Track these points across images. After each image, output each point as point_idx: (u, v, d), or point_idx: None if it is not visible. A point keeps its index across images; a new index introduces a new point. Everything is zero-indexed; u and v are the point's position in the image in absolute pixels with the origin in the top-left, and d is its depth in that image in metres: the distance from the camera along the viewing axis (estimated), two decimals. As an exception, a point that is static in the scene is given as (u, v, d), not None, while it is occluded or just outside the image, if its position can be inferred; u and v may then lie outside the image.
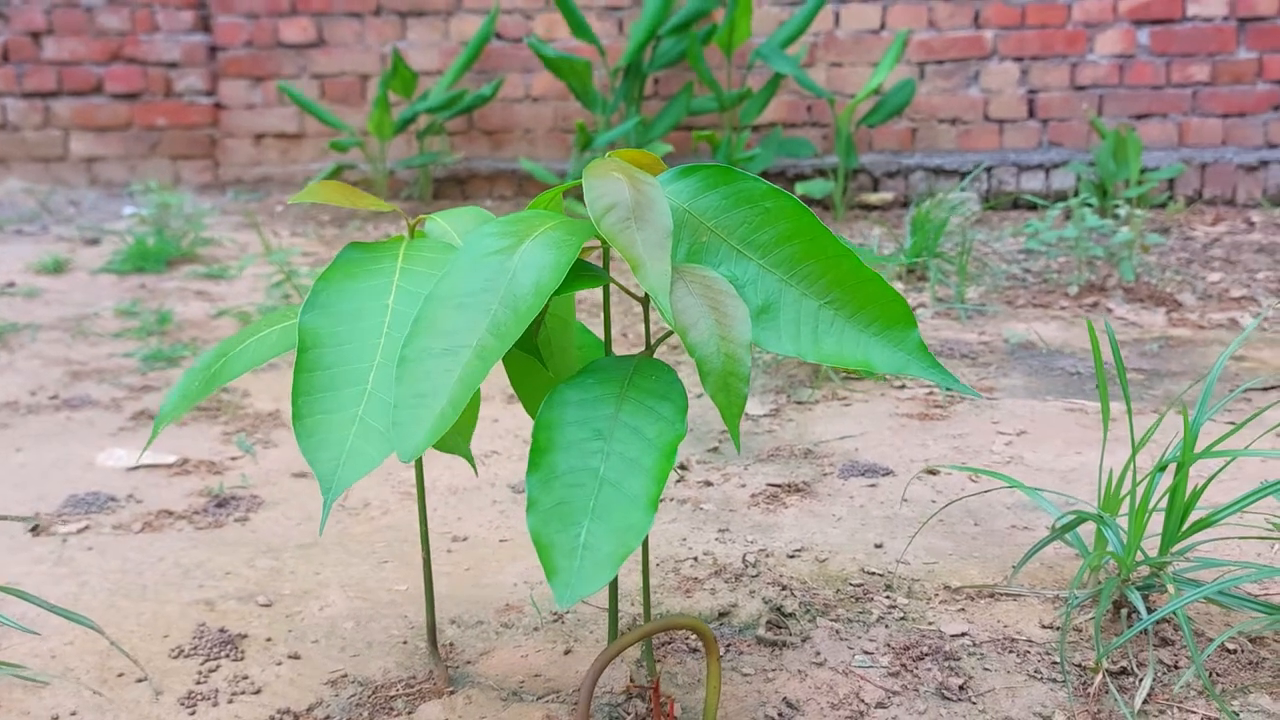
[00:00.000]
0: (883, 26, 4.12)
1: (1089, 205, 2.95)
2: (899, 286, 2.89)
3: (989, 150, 4.13)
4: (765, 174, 4.09)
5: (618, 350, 2.36)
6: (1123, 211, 2.91)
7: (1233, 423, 1.82)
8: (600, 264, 0.98)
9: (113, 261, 3.20)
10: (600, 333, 2.15)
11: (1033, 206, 3.98)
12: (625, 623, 1.23)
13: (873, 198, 4.07)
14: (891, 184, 4.10)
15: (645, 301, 0.96)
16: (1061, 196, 4.02)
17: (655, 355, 0.98)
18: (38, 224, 3.90)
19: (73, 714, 1.06)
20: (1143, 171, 3.93)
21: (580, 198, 3.60)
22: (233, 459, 1.80)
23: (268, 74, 4.30)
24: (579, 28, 3.90)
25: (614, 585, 1.08)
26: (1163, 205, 3.93)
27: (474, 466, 1.19)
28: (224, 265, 3.21)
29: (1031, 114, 4.12)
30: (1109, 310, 2.69)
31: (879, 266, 2.92)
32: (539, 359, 0.94)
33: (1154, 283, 2.87)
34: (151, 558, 1.42)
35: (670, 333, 0.97)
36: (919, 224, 2.96)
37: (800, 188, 3.97)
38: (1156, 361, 2.28)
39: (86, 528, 1.53)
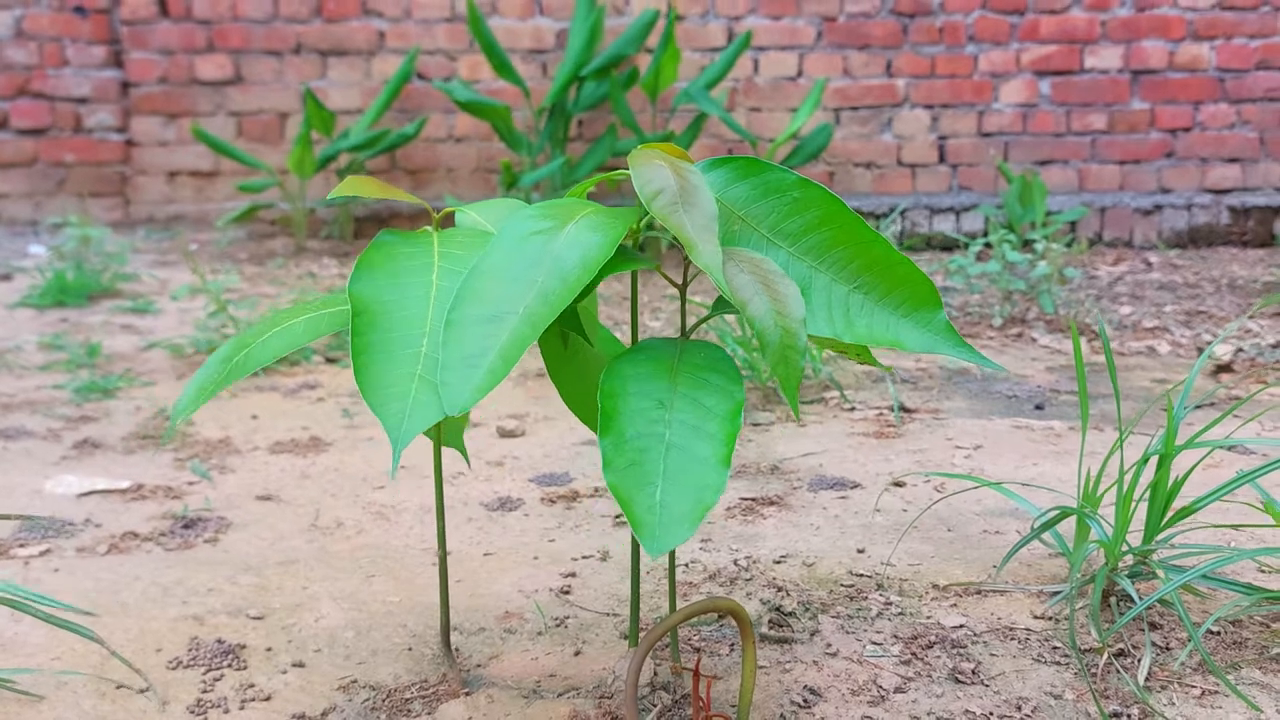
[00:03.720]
0: (800, 74, 4.25)
1: (1008, 241, 3.08)
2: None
3: (903, 194, 4.28)
4: (689, 215, 4.16)
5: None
6: (1040, 246, 3.04)
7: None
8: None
9: (30, 296, 3.09)
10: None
11: (945, 248, 4.13)
12: (635, 625, 1.23)
13: (793, 238, 4.17)
14: (811, 225, 4.20)
15: (683, 289, 0.98)
16: (972, 238, 4.17)
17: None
18: (-63, 261, 3.74)
19: (72, 727, 1.01)
20: (1047, 214, 4.12)
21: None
22: (189, 484, 1.75)
23: (182, 111, 4.22)
24: (503, 68, 3.93)
25: (635, 580, 1.08)
26: (1067, 246, 4.11)
27: (467, 459, 1.20)
28: (148, 300, 3.12)
29: (942, 159, 4.28)
30: (1033, 339, 2.80)
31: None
32: (583, 335, 0.95)
33: (1072, 315, 3.00)
34: (125, 577, 1.37)
35: (701, 321, 0.99)
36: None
37: (724, 228, 4.04)
38: (1090, 385, 2.38)
39: (48, 550, 1.47)
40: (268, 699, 1.07)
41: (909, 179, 4.29)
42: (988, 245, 3.51)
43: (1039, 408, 2.22)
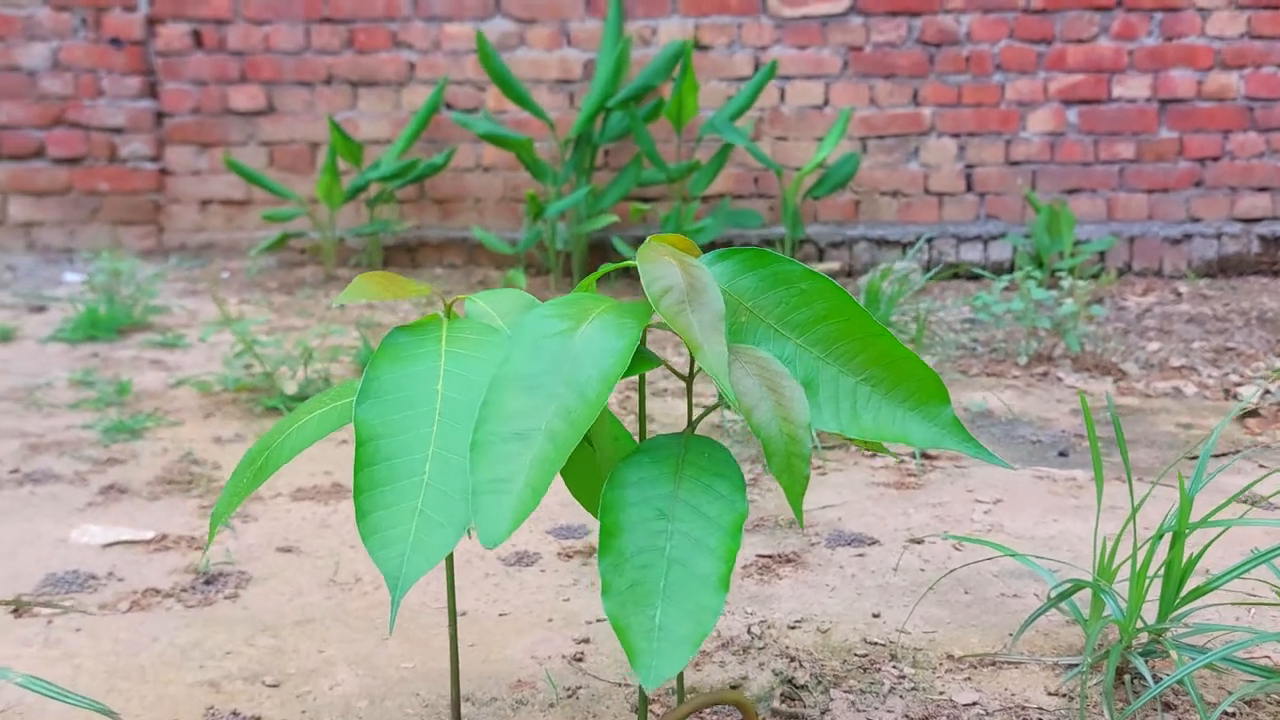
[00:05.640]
0: (826, 103, 4.25)
1: (1034, 278, 3.06)
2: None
3: (929, 223, 4.26)
4: (714, 244, 4.17)
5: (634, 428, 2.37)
6: (1065, 283, 3.02)
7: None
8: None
9: (62, 330, 3.14)
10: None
11: (972, 277, 4.11)
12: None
13: (819, 267, 4.16)
14: (837, 254, 4.20)
15: (689, 380, 0.98)
16: (999, 267, 4.16)
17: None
18: (-27, 290, 3.81)
19: (89, 803, 1.03)
20: (1075, 244, 4.09)
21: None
22: (212, 534, 1.77)
23: (215, 141, 4.27)
24: (522, 100, 3.96)
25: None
26: (1095, 276, 4.09)
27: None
28: (178, 333, 3.16)
29: (969, 188, 4.27)
30: (1059, 379, 2.78)
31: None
32: (588, 441, 0.96)
33: (1098, 352, 2.98)
34: (145, 638, 1.39)
35: (708, 411, 1.00)
36: (873, 294, 3.04)
37: (749, 258, 4.04)
38: (1111, 430, 2.36)
39: (71, 607, 1.49)
40: (280, 776, 1.08)
41: (935, 208, 4.28)
42: (1012, 285, 3.49)
43: (1063, 454, 2.20)
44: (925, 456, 2.14)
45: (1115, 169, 4.24)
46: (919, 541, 1.70)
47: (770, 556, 1.66)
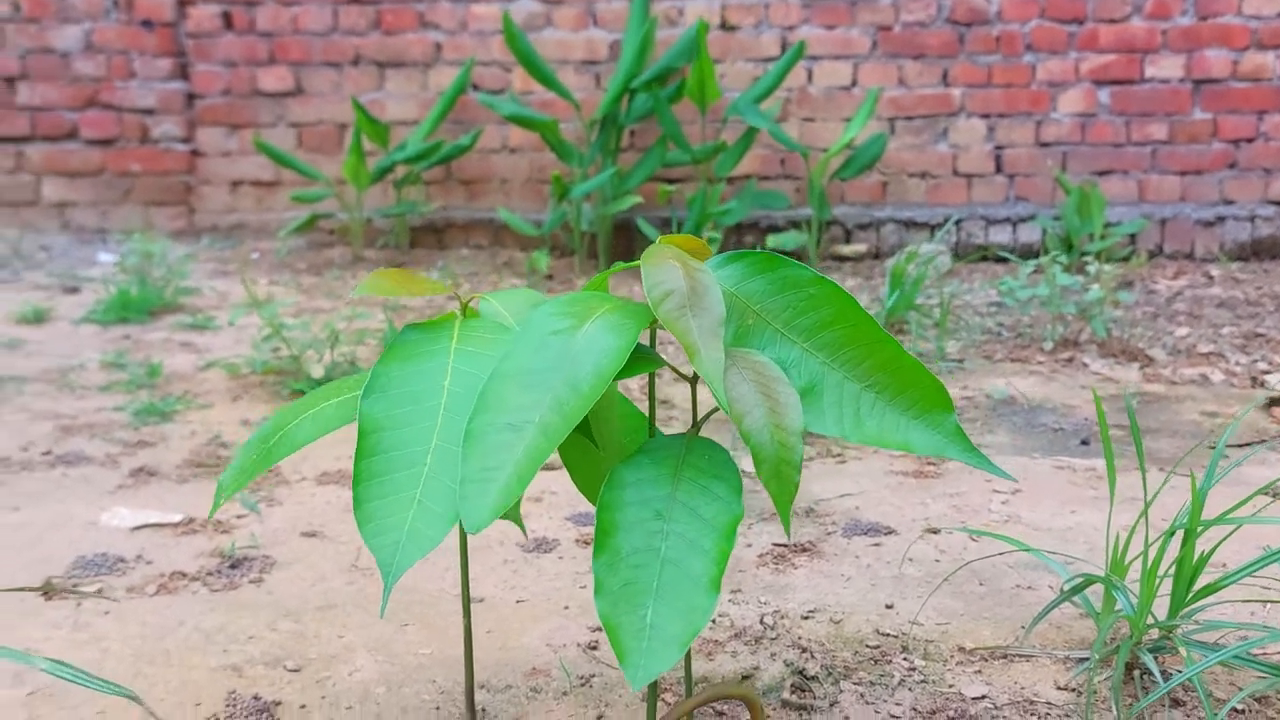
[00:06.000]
0: (854, 83, 4.22)
1: (1060, 263, 3.04)
2: (880, 341, 2.95)
3: (958, 204, 4.24)
4: (740, 225, 4.16)
5: (660, 421, 2.39)
6: (1092, 269, 3.00)
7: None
8: (648, 343, 1.02)
9: (95, 311, 3.19)
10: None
11: (1001, 260, 4.08)
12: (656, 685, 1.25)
13: (846, 249, 4.15)
14: (864, 236, 4.18)
15: (694, 381, 0.99)
16: (1029, 249, 4.13)
17: (701, 431, 1.01)
18: (9, 270, 3.87)
19: (114, 786, 1.06)
20: (1106, 226, 4.05)
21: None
22: (239, 517, 1.80)
23: (245, 122, 4.31)
24: (547, 81, 3.96)
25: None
26: (1126, 259, 4.05)
27: (523, 529, 1.22)
28: (208, 315, 3.20)
29: (999, 169, 4.23)
30: (1085, 365, 2.76)
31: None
32: (590, 438, 0.97)
33: (1125, 337, 2.96)
34: (171, 621, 1.42)
35: (710, 414, 1.01)
36: (896, 277, 3.03)
37: (773, 239, 4.04)
38: (1138, 418, 2.35)
39: (100, 590, 1.52)
40: (299, 761, 1.11)
41: (964, 189, 4.25)
42: (1040, 268, 3.46)
43: (1084, 443, 2.20)
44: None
45: (1147, 150, 4.19)
46: (935, 532, 1.71)
47: (786, 546, 1.67)
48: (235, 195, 4.36)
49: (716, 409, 1.01)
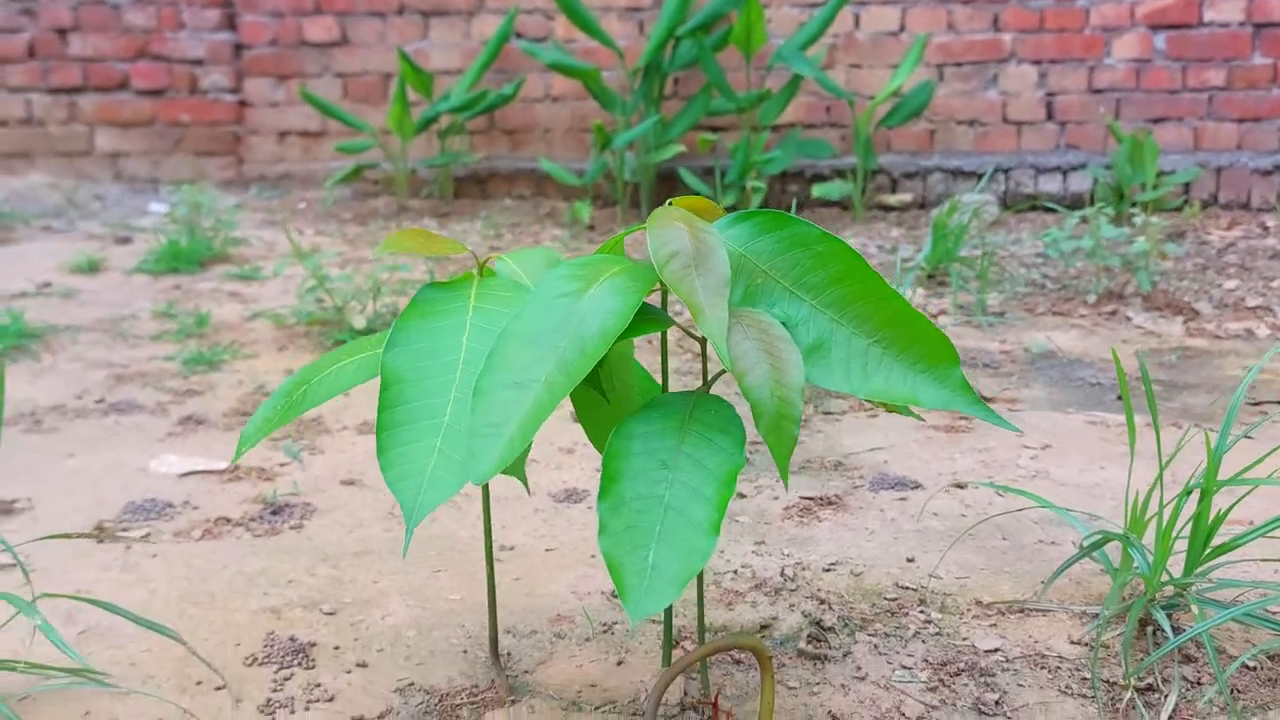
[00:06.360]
0: (902, 29, 4.16)
1: (1105, 215, 2.99)
2: (921, 293, 2.95)
3: (1007, 152, 4.18)
4: (784, 174, 4.14)
5: (674, 382, 2.41)
6: (1139, 220, 2.95)
7: (1250, 437, 1.87)
8: (660, 304, 1.04)
9: (146, 261, 3.26)
10: (656, 364, 2.21)
11: (1050, 210, 4.03)
12: (674, 633, 1.29)
13: (891, 199, 4.12)
14: (910, 185, 4.14)
15: (703, 341, 1.01)
16: (1079, 198, 4.06)
17: (712, 390, 1.04)
18: (64, 219, 3.97)
19: (157, 720, 1.12)
20: (1159, 175, 3.98)
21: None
22: (281, 465, 1.86)
23: (291, 72, 4.35)
24: (589, 28, 3.95)
25: (668, 622, 1.14)
26: (1178, 209, 3.97)
27: (526, 487, 1.25)
28: (255, 266, 3.27)
29: (1049, 116, 4.16)
30: (1128, 319, 2.74)
31: (899, 277, 2.97)
32: (601, 393, 1.00)
33: (1171, 290, 2.92)
34: (215, 565, 1.49)
35: (720, 373, 1.03)
36: (939, 229, 3.01)
37: (818, 189, 4.01)
38: (1174, 373, 2.33)
39: (148, 535, 1.59)
40: (331, 699, 1.16)
41: (1014, 137, 4.18)
42: (1084, 220, 3.41)
43: (1120, 398, 2.19)
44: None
45: (1204, 97, 4.09)
46: (962, 486, 1.72)
47: (812, 499, 1.69)
48: (282, 145, 4.41)
49: (720, 373, 1.03)
